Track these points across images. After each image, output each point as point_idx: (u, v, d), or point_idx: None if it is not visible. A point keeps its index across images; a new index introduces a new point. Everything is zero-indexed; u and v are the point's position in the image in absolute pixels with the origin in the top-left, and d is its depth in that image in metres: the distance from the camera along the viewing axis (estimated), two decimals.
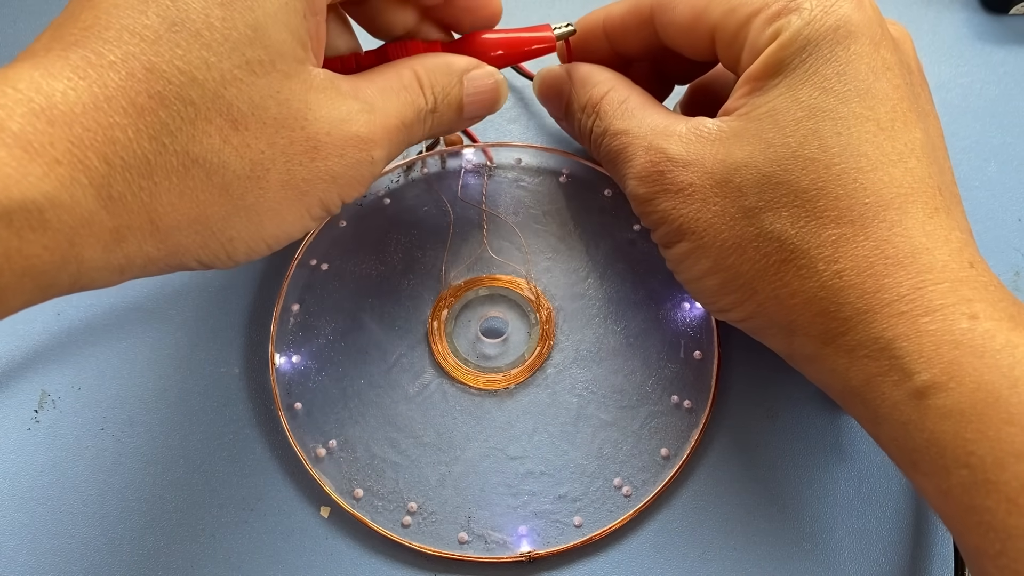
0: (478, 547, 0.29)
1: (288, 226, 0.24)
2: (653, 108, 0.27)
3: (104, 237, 0.20)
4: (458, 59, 0.28)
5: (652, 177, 0.26)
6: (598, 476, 0.29)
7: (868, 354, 0.23)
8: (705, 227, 0.25)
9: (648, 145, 0.26)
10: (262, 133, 0.22)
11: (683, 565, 0.29)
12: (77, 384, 0.31)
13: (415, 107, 0.26)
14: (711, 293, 0.26)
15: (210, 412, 0.31)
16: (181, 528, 0.29)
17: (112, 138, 0.20)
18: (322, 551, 0.29)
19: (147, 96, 0.20)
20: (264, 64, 0.22)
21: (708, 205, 0.25)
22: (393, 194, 0.34)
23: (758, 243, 0.24)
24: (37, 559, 0.29)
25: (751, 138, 0.24)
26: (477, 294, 0.33)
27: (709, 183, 0.25)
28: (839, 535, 0.29)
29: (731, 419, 0.31)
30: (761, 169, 0.24)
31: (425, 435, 0.30)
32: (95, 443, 0.30)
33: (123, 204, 0.20)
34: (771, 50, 0.24)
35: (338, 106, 0.24)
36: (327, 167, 0.24)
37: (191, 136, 0.21)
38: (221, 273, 0.33)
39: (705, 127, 0.25)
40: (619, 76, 0.29)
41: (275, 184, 0.23)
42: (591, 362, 0.31)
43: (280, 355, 0.31)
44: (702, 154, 0.25)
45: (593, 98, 0.29)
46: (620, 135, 0.27)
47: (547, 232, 0.33)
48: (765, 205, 0.24)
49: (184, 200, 0.22)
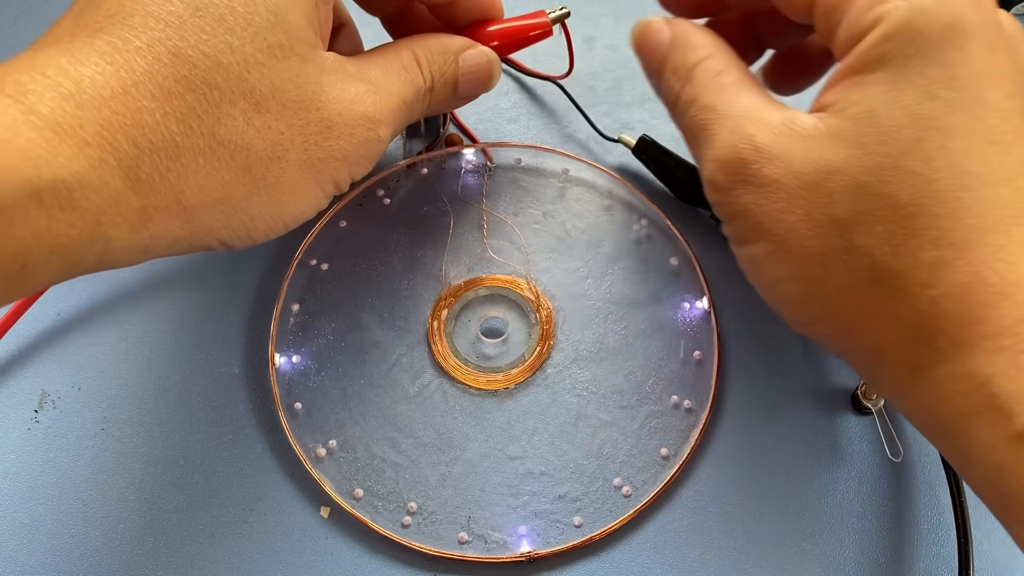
0: (478, 547, 0.29)
1: (304, 204, 0.25)
2: (749, 88, 0.25)
3: (131, 217, 0.21)
4: (454, 39, 0.29)
5: (734, 165, 0.24)
6: (598, 476, 0.29)
7: (962, 390, 0.21)
8: (788, 231, 0.23)
9: (735, 128, 0.24)
10: (282, 115, 0.23)
11: (683, 565, 0.29)
12: (77, 384, 0.31)
13: (415, 86, 0.27)
14: (789, 302, 0.24)
15: (210, 412, 0.31)
16: (181, 528, 0.29)
17: (140, 121, 0.21)
18: (322, 551, 0.29)
19: (174, 80, 0.21)
20: (284, 48, 0.23)
21: (793, 207, 0.23)
22: (393, 194, 0.34)
23: (847, 257, 0.22)
24: (37, 559, 0.29)
25: (847, 141, 0.22)
26: (477, 294, 0.33)
27: (797, 183, 0.22)
28: (839, 535, 0.29)
29: (731, 419, 0.31)
30: (856, 177, 0.22)
31: (425, 435, 0.30)
32: (95, 443, 0.30)
33: (151, 185, 0.21)
34: (872, 40, 0.22)
35: (348, 87, 0.25)
36: (340, 146, 0.25)
37: (216, 119, 0.22)
38: (221, 273, 0.33)
39: (800, 121, 0.23)
40: (721, 43, 0.26)
41: (293, 163, 0.24)
42: (591, 362, 0.31)
43: (280, 355, 0.31)
44: (792, 150, 0.23)
45: (688, 61, 0.26)
46: (707, 109, 0.25)
47: (547, 232, 0.33)
48: (857, 217, 0.22)
49: (210, 181, 0.22)
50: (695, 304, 0.32)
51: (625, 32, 0.39)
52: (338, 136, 0.25)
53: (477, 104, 0.37)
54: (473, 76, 0.29)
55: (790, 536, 0.29)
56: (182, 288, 0.33)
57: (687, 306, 0.32)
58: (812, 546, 0.29)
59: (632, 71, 0.38)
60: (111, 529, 0.29)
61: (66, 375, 0.31)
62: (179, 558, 0.29)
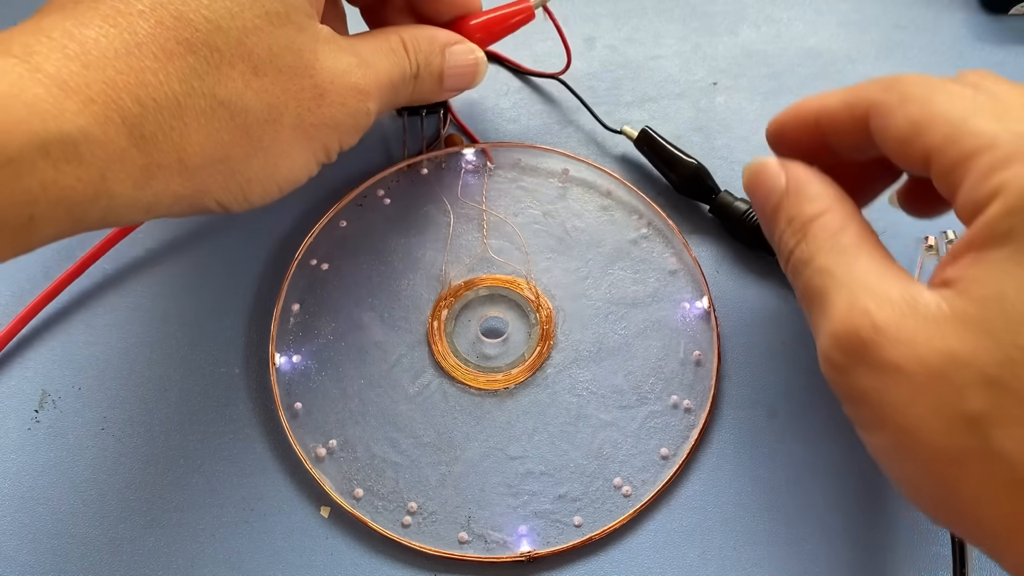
0: (478, 547, 0.29)
1: (297, 168, 0.26)
2: (869, 251, 0.23)
3: (135, 173, 0.22)
4: (441, 32, 0.30)
5: (852, 343, 0.22)
6: (598, 476, 0.29)
7: None
8: (915, 425, 0.20)
9: (852, 302, 0.22)
10: (278, 79, 0.24)
11: (683, 565, 0.29)
12: (77, 384, 0.31)
13: (400, 68, 0.28)
14: (924, 502, 0.22)
15: (210, 412, 0.31)
16: (181, 528, 0.29)
17: (144, 81, 0.22)
18: (322, 551, 0.29)
19: (176, 42, 0.22)
20: (281, 16, 0.24)
21: (919, 399, 0.20)
22: (393, 194, 0.34)
23: (985, 460, 0.20)
24: (37, 559, 0.29)
25: (974, 328, 0.20)
26: (477, 294, 0.33)
27: (921, 372, 0.20)
28: (839, 535, 0.29)
29: (731, 419, 0.31)
30: (987, 371, 0.19)
31: (425, 435, 0.30)
32: (95, 443, 0.30)
33: (154, 143, 0.22)
34: (996, 213, 0.20)
35: (340, 58, 0.26)
36: (331, 113, 0.26)
37: (217, 79, 0.23)
38: (222, 273, 0.33)
39: (922, 300, 0.21)
40: (840, 194, 0.25)
41: (288, 127, 0.25)
42: (591, 362, 0.31)
43: (280, 355, 0.31)
44: (915, 334, 0.21)
45: (805, 215, 0.24)
46: (824, 273, 0.23)
47: (547, 232, 0.33)
48: (994, 416, 0.19)
49: (210, 140, 0.23)
50: (695, 304, 0.32)
51: (625, 32, 0.39)
52: (330, 104, 0.26)
53: (477, 104, 0.37)
54: (458, 71, 0.30)
55: (790, 536, 0.29)
56: (182, 288, 0.33)
57: (687, 306, 0.32)
58: (812, 546, 0.29)
59: (632, 71, 0.38)
60: (111, 529, 0.29)
61: (66, 375, 0.31)
62: (179, 558, 0.29)
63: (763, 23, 0.39)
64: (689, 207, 0.34)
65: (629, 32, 0.39)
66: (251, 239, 0.34)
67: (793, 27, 0.39)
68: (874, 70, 0.37)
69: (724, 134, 0.36)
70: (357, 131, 0.28)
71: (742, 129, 0.36)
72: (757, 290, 0.33)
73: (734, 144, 0.36)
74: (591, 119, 0.36)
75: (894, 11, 0.39)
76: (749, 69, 0.38)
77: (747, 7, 0.40)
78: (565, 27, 0.35)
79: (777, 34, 0.39)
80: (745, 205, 0.33)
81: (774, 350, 0.32)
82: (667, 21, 0.39)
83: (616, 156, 0.36)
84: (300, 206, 0.34)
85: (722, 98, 0.37)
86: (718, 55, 0.38)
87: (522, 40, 0.38)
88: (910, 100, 0.23)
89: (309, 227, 0.33)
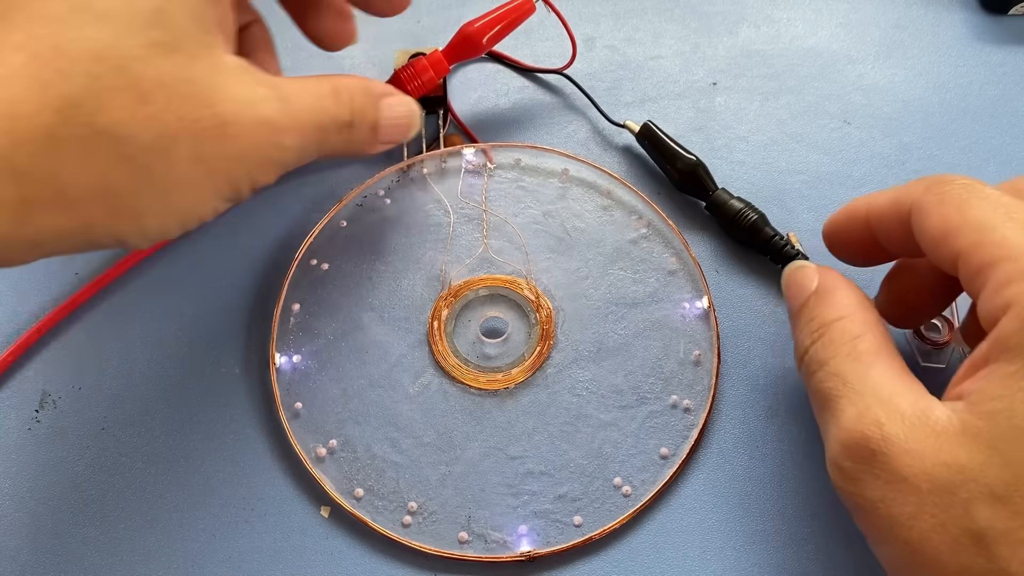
0: (478, 547, 0.29)
1: (198, 204, 0.25)
2: (885, 361, 0.23)
3: (11, 207, 0.21)
4: (376, 84, 0.29)
5: (861, 452, 0.22)
6: (598, 476, 0.30)
7: None
8: (920, 540, 0.20)
9: (863, 410, 0.22)
10: (169, 107, 0.23)
11: (683, 565, 0.29)
12: (77, 384, 0.31)
13: (330, 114, 0.27)
14: None
15: (210, 412, 0.31)
16: (181, 528, 0.29)
17: (13, 112, 0.21)
18: (322, 551, 0.29)
19: (53, 72, 0.21)
20: (169, 45, 0.23)
21: (924, 513, 0.20)
22: (393, 194, 0.34)
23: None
24: (37, 559, 0.29)
25: (981, 444, 0.20)
26: (477, 294, 0.33)
27: (928, 486, 0.20)
28: (839, 535, 0.29)
29: (731, 419, 0.31)
30: (993, 489, 0.19)
31: (425, 435, 0.30)
32: (95, 443, 0.30)
33: (28, 175, 0.21)
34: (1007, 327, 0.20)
35: (249, 90, 0.24)
36: (236, 146, 0.24)
37: (97, 107, 0.22)
38: (222, 273, 0.33)
39: (933, 414, 0.21)
40: (867, 305, 0.25)
41: (184, 159, 0.23)
42: (591, 362, 0.31)
43: (280, 355, 0.31)
44: (923, 447, 0.21)
45: (826, 317, 0.25)
46: (836, 377, 0.23)
47: (547, 232, 0.34)
48: (1000, 533, 0.19)
49: (90, 171, 0.22)
50: (694, 304, 0.32)
51: (625, 32, 0.39)
52: (234, 136, 0.24)
53: (477, 104, 0.37)
54: (393, 122, 0.29)
55: (790, 536, 0.29)
56: (182, 288, 0.33)
57: (686, 306, 0.32)
58: (812, 546, 0.29)
59: (632, 71, 0.38)
60: (111, 529, 0.29)
61: (66, 375, 0.31)
62: (179, 558, 0.29)
63: (763, 23, 0.39)
64: (689, 206, 0.34)
65: (629, 32, 0.39)
66: (251, 239, 0.34)
67: (793, 27, 0.39)
68: (874, 70, 0.37)
69: (724, 134, 0.36)
70: (270, 167, 0.26)
71: (742, 129, 0.36)
72: (757, 290, 0.33)
73: (734, 144, 0.36)
74: (591, 119, 0.36)
75: (894, 11, 0.39)
76: (749, 69, 0.38)
77: (747, 7, 0.40)
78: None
79: (777, 34, 0.39)
80: (740, 204, 0.33)
81: (774, 350, 0.32)
82: (667, 21, 0.39)
83: (618, 150, 0.36)
84: (300, 206, 0.34)
85: (722, 98, 0.37)
86: (718, 55, 0.38)
87: (523, 39, 0.38)
88: (947, 202, 0.23)
89: (309, 227, 0.33)
